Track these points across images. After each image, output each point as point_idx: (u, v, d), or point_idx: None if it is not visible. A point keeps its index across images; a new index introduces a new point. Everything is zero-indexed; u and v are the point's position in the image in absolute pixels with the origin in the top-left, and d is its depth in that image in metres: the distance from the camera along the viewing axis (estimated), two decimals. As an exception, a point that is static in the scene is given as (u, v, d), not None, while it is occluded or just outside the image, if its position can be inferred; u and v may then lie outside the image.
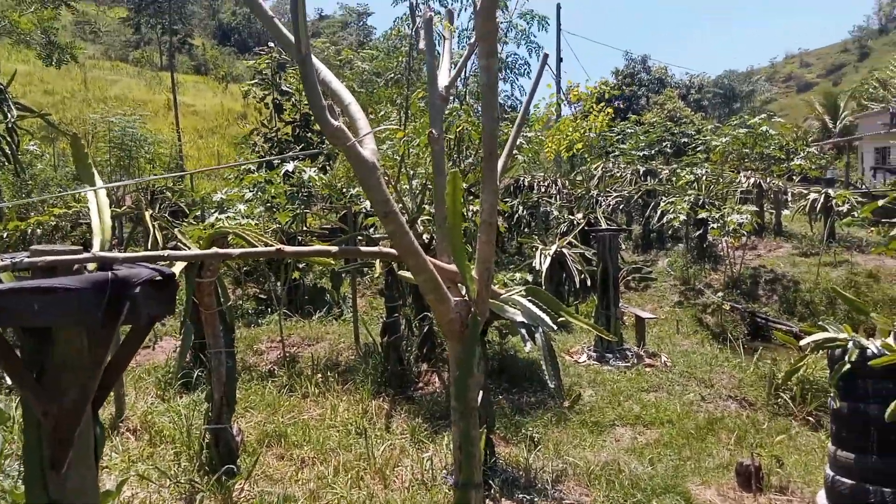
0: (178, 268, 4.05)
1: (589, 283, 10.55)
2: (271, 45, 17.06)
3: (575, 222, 14.27)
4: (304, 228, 12.60)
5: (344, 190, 10.62)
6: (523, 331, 4.88)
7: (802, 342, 5.18)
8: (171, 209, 13.70)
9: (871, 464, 4.65)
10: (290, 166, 10.16)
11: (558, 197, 16.67)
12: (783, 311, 12.20)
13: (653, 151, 21.86)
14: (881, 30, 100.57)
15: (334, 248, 3.08)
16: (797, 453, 6.30)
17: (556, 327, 4.33)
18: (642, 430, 6.71)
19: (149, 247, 8.31)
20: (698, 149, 18.44)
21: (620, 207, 17.73)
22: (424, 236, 7.76)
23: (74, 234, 10.87)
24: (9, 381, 5.37)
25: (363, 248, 3.13)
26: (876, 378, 4.68)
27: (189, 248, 5.41)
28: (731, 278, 13.53)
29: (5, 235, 8.83)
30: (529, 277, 9.11)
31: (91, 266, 2.76)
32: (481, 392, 3.33)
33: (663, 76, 43.20)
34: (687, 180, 15.32)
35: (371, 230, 8.96)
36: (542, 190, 17.04)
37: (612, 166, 19.62)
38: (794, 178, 20.93)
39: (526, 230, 15.01)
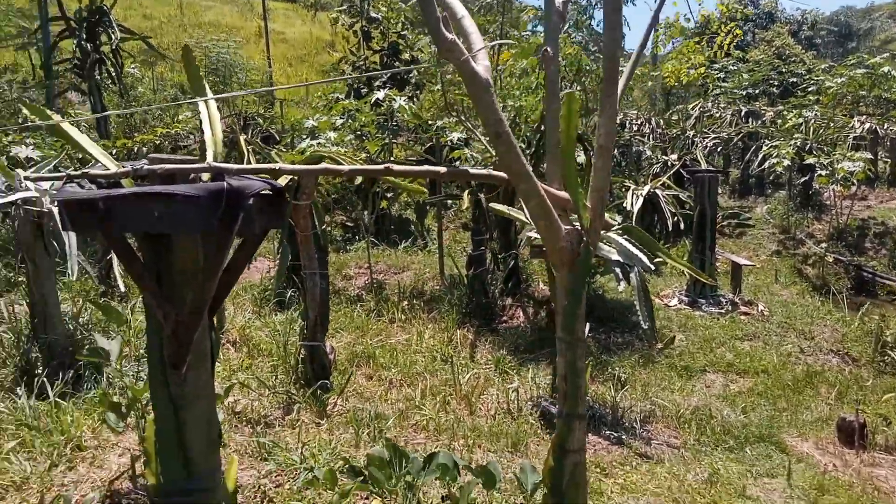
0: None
1: (682, 226, 10.12)
2: (362, -30, 16.73)
3: (669, 163, 13.64)
4: (391, 159, 12.60)
5: (430, 122, 10.49)
6: (618, 270, 4.71)
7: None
8: (262, 135, 13.94)
9: None
10: (380, 94, 10.10)
11: (651, 136, 15.95)
12: (893, 265, 11.37)
13: (757, 91, 20.46)
14: None
15: (443, 169, 2.99)
16: (905, 414, 5.94)
17: (653, 267, 4.15)
18: (735, 378, 6.48)
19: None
20: (809, 90, 17.10)
21: (718, 150, 16.79)
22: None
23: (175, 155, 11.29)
24: (122, 289, 5.68)
25: (472, 171, 3.03)
26: None
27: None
28: (836, 229, 12.68)
29: (114, 152, 9.26)
30: (619, 218, 8.82)
31: (205, 177, 2.81)
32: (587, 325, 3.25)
33: (773, 10, 39.95)
34: (794, 123, 14.26)
35: (456, 163, 8.85)
36: (635, 128, 16.33)
37: (711, 106, 18.52)
38: (916, 124, 19.22)
39: (616, 169, 14.48)
